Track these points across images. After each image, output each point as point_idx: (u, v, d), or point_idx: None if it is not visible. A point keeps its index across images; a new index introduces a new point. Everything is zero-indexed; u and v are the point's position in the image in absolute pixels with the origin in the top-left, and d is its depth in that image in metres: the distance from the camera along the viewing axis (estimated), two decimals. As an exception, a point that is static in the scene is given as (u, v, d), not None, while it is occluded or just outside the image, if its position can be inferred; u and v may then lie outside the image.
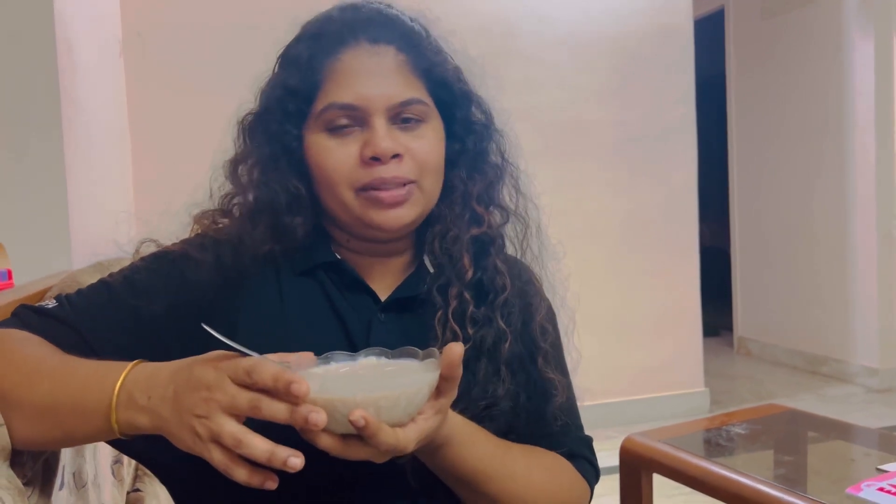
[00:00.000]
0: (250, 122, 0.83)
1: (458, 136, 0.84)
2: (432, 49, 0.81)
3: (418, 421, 0.62)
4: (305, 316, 0.78)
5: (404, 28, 0.81)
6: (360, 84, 0.76)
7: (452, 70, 0.82)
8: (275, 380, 0.55)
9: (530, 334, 0.85)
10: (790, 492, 1.30)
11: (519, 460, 0.79)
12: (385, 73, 0.77)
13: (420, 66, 0.79)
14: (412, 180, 0.78)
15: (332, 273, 0.81)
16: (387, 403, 0.59)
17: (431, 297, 0.80)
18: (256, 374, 0.55)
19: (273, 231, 0.79)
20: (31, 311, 0.74)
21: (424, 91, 0.80)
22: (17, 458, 0.65)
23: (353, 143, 0.77)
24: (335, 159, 0.77)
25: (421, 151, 0.78)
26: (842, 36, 3.96)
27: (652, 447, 1.55)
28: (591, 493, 0.87)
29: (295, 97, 0.78)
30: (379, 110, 0.76)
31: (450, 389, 0.64)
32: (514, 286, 0.83)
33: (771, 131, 4.47)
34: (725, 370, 4.38)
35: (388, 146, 0.75)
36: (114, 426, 0.60)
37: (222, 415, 0.55)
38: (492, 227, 0.83)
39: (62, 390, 0.63)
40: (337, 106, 0.76)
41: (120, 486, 1.03)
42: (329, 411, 0.59)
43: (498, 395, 0.79)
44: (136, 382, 0.60)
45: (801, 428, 1.83)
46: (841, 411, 3.42)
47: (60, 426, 0.63)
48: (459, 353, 0.62)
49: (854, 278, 3.99)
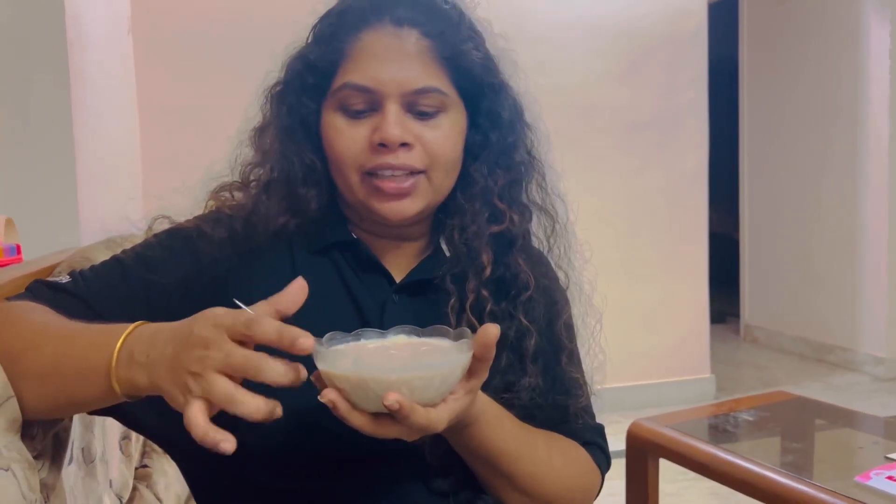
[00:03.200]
0: (274, 91, 0.82)
1: (482, 128, 0.81)
2: (461, 35, 0.77)
3: (449, 401, 0.62)
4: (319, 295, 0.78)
5: (435, 10, 0.77)
6: (377, 67, 0.74)
7: (481, 59, 0.79)
8: (279, 333, 0.53)
9: (555, 333, 0.84)
10: (797, 479, 1.30)
11: (540, 444, 0.79)
12: (404, 58, 0.75)
13: (444, 52, 0.76)
14: (420, 170, 0.76)
15: (347, 253, 0.81)
16: (420, 383, 0.59)
17: (446, 284, 0.79)
18: (257, 326, 0.53)
19: (287, 202, 0.79)
20: (44, 285, 0.74)
21: (446, 79, 0.77)
22: (28, 431, 0.66)
23: (365, 126, 0.75)
24: (345, 141, 0.76)
25: (433, 142, 0.76)
26: (857, 21, 3.91)
27: (659, 432, 1.55)
28: (602, 480, 0.87)
29: (314, 72, 0.77)
30: (393, 95, 0.74)
31: (482, 371, 0.63)
32: (538, 284, 0.82)
33: (783, 117, 4.43)
34: (732, 357, 4.37)
35: (397, 134, 0.74)
36: (114, 385, 0.59)
37: (215, 373, 0.53)
38: (514, 225, 0.82)
39: (67, 352, 0.62)
40: (351, 86, 0.75)
41: (128, 462, 1.04)
42: (362, 390, 0.58)
43: (519, 389, 0.78)
44: (137, 341, 0.60)
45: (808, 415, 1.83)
46: (847, 400, 3.41)
47: (65, 390, 0.62)
48: (495, 335, 0.61)
49: (863, 267, 3.96)
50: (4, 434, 0.61)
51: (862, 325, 3.99)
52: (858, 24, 3.90)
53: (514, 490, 0.77)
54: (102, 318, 0.72)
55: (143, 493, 1.04)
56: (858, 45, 3.91)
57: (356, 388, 0.58)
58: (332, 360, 0.60)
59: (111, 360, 0.59)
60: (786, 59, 4.39)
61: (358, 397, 0.59)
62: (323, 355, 0.60)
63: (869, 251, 3.93)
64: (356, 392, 0.59)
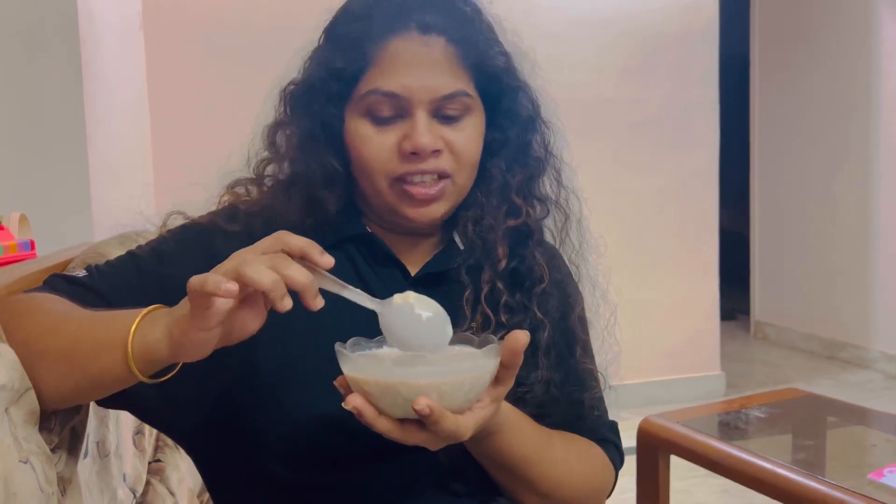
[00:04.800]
0: (292, 93, 0.81)
1: (501, 127, 0.82)
2: (483, 39, 0.78)
3: (475, 409, 0.62)
4: None
5: (457, 14, 0.78)
6: (405, 74, 0.75)
7: (503, 61, 0.80)
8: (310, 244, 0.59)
9: (569, 325, 0.84)
10: (810, 476, 1.30)
11: (559, 446, 0.79)
12: (432, 65, 0.75)
13: (469, 57, 0.77)
14: (448, 174, 0.77)
15: (362, 246, 0.81)
16: (450, 388, 0.58)
17: (461, 276, 0.80)
18: (287, 236, 0.59)
19: (306, 204, 0.79)
20: (61, 278, 0.75)
21: (471, 83, 0.78)
22: (45, 424, 0.66)
23: (393, 132, 0.76)
24: (374, 148, 0.76)
25: (459, 145, 0.77)
26: (870, 17, 3.87)
27: (670, 429, 1.55)
28: (615, 477, 0.87)
29: (339, 79, 0.77)
30: (422, 102, 0.75)
31: (508, 378, 0.63)
32: (552, 277, 0.82)
33: (794, 113, 4.40)
34: (742, 354, 4.35)
35: (429, 142, 0.75)
36: (129, 353, 0.59)
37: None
38: (530, 219, 0.82)
39: (85, 330, 0.63)
40: (380, 93, 0.75)
41: (141, 457, 1.04)
42: (391, 395, 0.58)
43: (533, 382, 0.78)
44: (156, 313, 0.61)
45: (820, 412, 1.82)
46: (859, 397, 3.39)
47: (81, 367, 0.62)
48: (524, 342, 0.61)
49: (875, 263, 3.94)
50: (24, 426, 0.62)
51: (874, 321, 3.97)
52: (871, 20, 3.87)
53: (533, 493, 0.77)
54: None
55: (156, 487, 1.05)
56: (871, 41, 3.87)
57: (385, 392, 0.58)
58: (360, 365, 0.60)
59: (129, 331, 0.59)
60: (797, 55, 4.35)
61: (386, 402, 0.59)
62: (350, 360, 0.60)
63: (881, 247, 3.90)
64: (384, 397, 0.58)
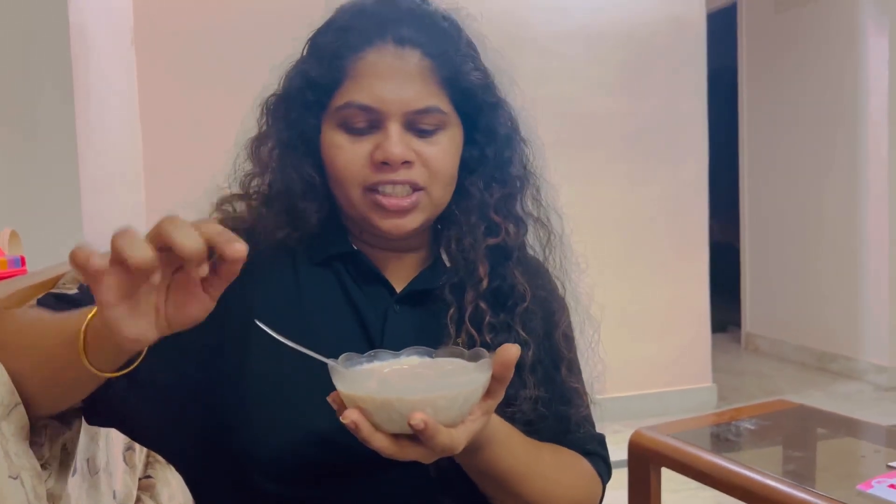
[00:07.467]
0: (273, 104, 0.82)
1: (478, 143, 0.82)
2: (461, 54, 0.79)
3: (467, 422, 0.62)
4: (321, 305, 0.78)
5: (435, 29, 0.78)
6: (379, 86, 0.75)
7: (479, 79, 0.80)
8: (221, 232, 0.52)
9: (554, 343, 0.84)
10: (799, 487, 1.30)
11: (547, 459, 0.79)
12: (406, 78, 0.76)
13: (445, 73, 0.77)
14: (421, 187, 0.77)
15: (349, 264, 0.81)
16: (444, 403, 0.59)
17: (445, 294, 0.80)
18: (205, 225, 0.52)
19: (287, 216, 0.79)
20: (53, 297, 0.75)
21: (445, 99, 0.78)
22: (36, 440, 0.66)
23: (367, 143, 0.76)
24: (346, 158, 0.77)
25: (433, 159, 0.77)
26: (856, 30, 3.93)
27: (661, 441, 1.55)
28: (603, 490, 0.87)
29: (315, 88, 0.78)
30: (395, 115, 0.75)
31: (499, 391, 0.63)
32: (536, 295, 0.82)
33: (782, 126, 4.44)
34: (733, 366, 4.37)
35: (400, 153, 0.75)
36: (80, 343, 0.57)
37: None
38: (510, 237, 0.82)
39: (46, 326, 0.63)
40: (354, 105, 0.76)
41: (132, 473, 1.04)
42: (386, 410, 0.58)
43: (521, 401, 0.78)
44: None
45: (810, 424, 1.83)
46: (849, 408, 3.41)
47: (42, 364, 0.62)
48: (515, 355, 0.62)
49: (865, 275, 3.97)
50: (14, 441, 0.62)
51: (864, 333, 3.99)
52: (857, 33, 3.92)
53: None
54: None
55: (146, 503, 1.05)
56: (857, 54, 3.92)
57: (380, 408, 0.58)
58: (354, 381, 0.60)
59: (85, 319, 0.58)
60: (785, 67, 4.40)
61: (380, 418, 0.59)
62: (343, 376, 0.60)
63: (870, 259, 3.93)
64: (379, 413, 0.58)
